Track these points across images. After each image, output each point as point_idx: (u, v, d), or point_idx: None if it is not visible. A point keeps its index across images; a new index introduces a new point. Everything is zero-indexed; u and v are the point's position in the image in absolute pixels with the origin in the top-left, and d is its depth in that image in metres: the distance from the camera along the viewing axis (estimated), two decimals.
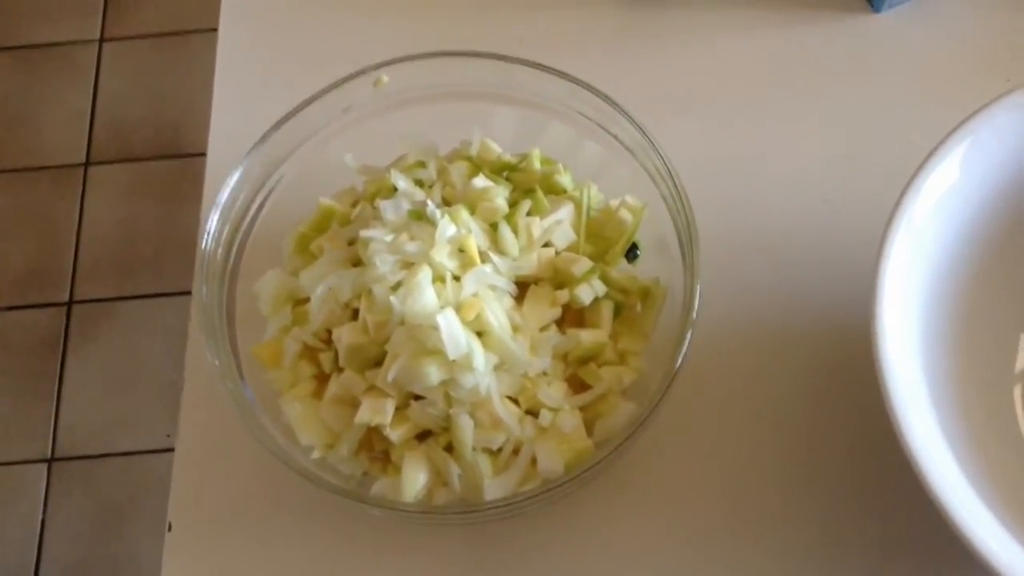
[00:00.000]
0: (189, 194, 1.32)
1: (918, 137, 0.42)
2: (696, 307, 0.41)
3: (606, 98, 0.45)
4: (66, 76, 1.46)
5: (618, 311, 0.44)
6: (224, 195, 0.44)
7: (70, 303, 1.30)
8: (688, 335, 0.41)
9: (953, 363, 0.42)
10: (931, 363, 0.40)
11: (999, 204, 0.41)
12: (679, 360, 0.40)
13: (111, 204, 1.38)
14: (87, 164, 1.40)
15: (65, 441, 1.22)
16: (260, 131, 0.46)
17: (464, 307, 0.40)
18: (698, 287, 0.41)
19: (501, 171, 0.46)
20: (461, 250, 0.42)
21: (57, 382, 1.25)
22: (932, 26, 0.55)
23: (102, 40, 1.50)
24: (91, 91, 1.46)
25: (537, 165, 0.46)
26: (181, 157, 1.39)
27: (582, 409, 0.42)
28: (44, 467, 1.20)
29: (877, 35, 0.55)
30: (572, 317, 0.44)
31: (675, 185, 0.43)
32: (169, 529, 0.46)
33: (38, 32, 1.49)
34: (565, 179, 0.46)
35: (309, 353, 0.42)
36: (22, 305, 1.30)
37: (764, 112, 0.53)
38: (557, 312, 0.43)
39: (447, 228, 0.41)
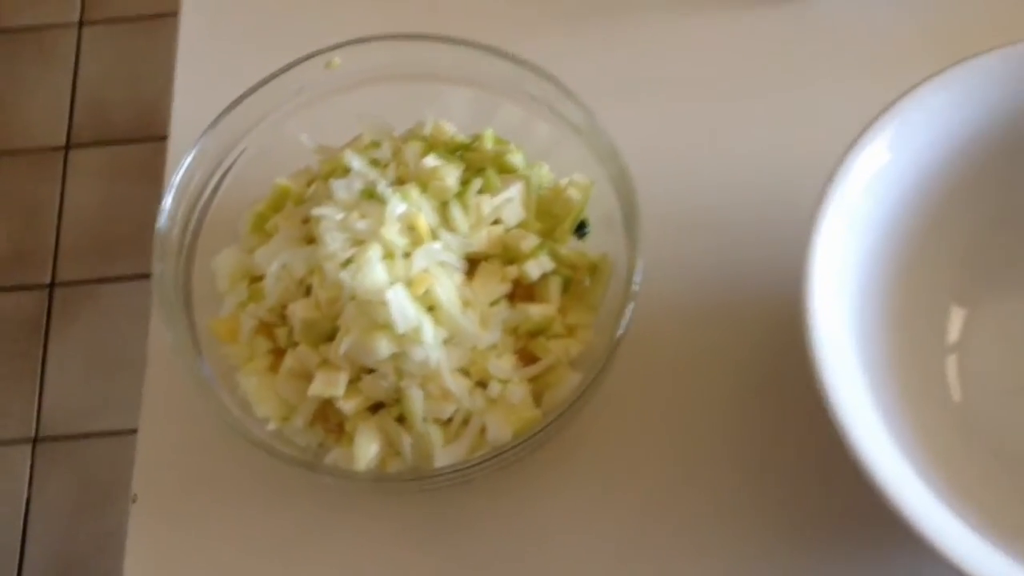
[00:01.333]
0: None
1: (857, 116, 0.43)
2: (637, 280, 0.42)
3: (554, 80, 0.46)
4: (46, 59, 1.46)
5: (567, 286, 0.45)
6: (178, 176, 0.44)
7: (52, 285, 1.30)
8: (630, 306, 0.42)
9: (889, 336, 0.42)
10: (866, 337, 0.41)
11: (930, 181, 0.42)
12: (620, 330, 0.41)
13: (92, 186, 1.38)
14: (67, 147, 1.40)
15: (49, 421, 1.22)
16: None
17: (414, 282, 0.41)
18: (639, 261, 0.42)
19: (454, 151, 0.47)
20: (412, 228, 0.42)
21: (40, 363, 1.25)
22: (870, 8, 0.56)
23: (81, 24, 1.50)
24: (71, 74, 1.45)
25: (489, 145, 0.47)
26: (160, 139, 1.38)
27: (531, 380, 0.43)
28: (28, 447, 1.21)
29: (817, 17, 0.55)
30: (522, 292, 0.45)
31: (619, 164, 0.44)
32: (134, 501, 0.47)
33: (18, 16, 1.48)
34: (517, 158, 0.47)
35: (265, 328, 0.43)
36: (4, 287, 1.30)
37: (709, 93, 0.54)
38: (507, 287, 0.43)
39: (397, 206, 0.42)
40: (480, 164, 0.46)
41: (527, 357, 0.44)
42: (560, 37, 0.56)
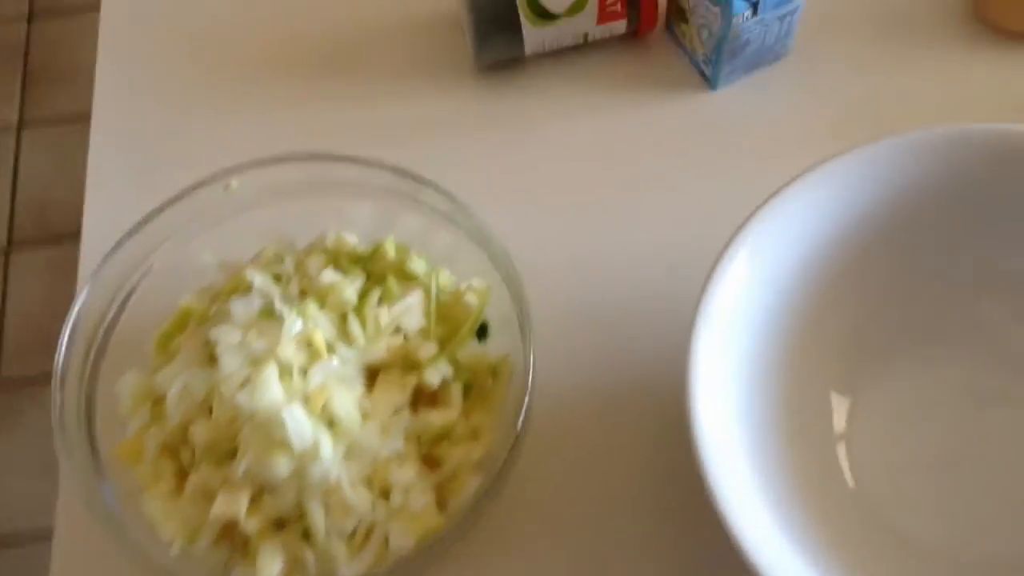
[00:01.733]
0: None
1: (742, 208, 0.45)
2: (531, 378, 0.43)
3: (446, 193, 0.47)
4: None
5: (469, 389, 0.46)
6: (79, 302, 0.45)
7: None
8: (524, 405, 0.42)
9: (780, 428, 0.44)
10: (756, 430, 0.42)
11: (800, 280, 0.44)
12: (517, 428, 0.42)
13: (35, 285, 1.38)
14: (9, 246, 1.40)
15: None
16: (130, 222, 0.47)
17: (311, 399, 0.42)
18: (533, 359, 0.43)
19: (356, 261, 0.48)
20: (309, 344, 0.43)
21: None
22: (763, 101, 0.58)
23: (20, 125, 1.51)
24: (11, 175, 1.46)
25: (391, 253, 0.48)
26: None
27: (436, 486, 0.44)
28: None
29: (714, 111, 0.58)
30: (426, 398, 0.46)
31: (508, 268, 0.45)
32: None
33: None
34: (418, 265, 0.48)
35: (168, 450, 0.43)
36: None
37: (611, 189, 0.56)
38: (407, 396, 0.44)
39: (294, 324, 0.43)
40: (382, 273, 0.47)
41: (432, 463, 0.45)
42: (460, 139, 0.58)
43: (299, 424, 0.40)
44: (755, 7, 0.53)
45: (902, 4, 0.60)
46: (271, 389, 0.41)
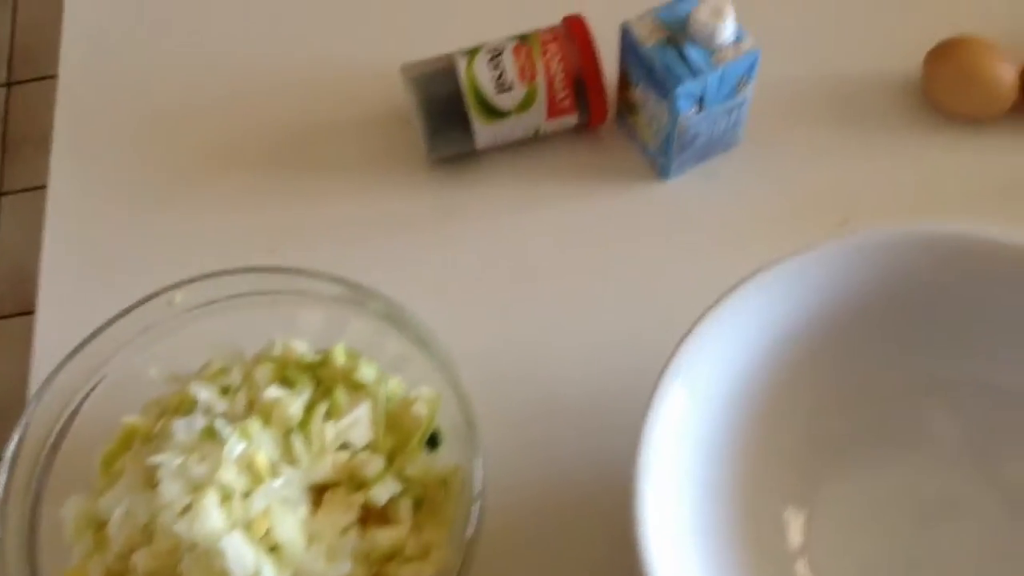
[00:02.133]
0: None
1: (703, 295, 0.44)
2: (479, 491, 0.42)
3: (389, 301, 0.47)
4: None
5: (419, 503, 0.45)
6: (23, 421, 0.44)
7: None
8: (473, 514, 0.42)
9: (737, 548, 0.43)
10: (710, 550, 0.41)
11: (745, 392, 0.44)
12: (467, 536, 0.41)
13: (15, 357, 1.37)
14: None
15: None
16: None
17: (253, 525, 0.41)
18: (480, 472, 0.43)
19: (306, 370, 0.47)
20: (251, 466, 0.42)
21: None
22: (715, 190, 0.58)
23: (0, 193, 1.51)
24: None
25: (340, 360, 0.48)
26: None
27: None
28: None
29: (666, 201, 0.58)
30: (375, 515, 0.45)
31: (455, 376, 0.45)
32: None
33: None
34: (367, 372, 0.47)
35: None
36: None
37: (563, 281, 0.56)
38: (354, 515, 0.43)
39: (236, 446, 0.42)
40: (331, 382, 0.47)
41: None
42: (413, 235, 0.58)
43: (240, 553, 0.40)
44: (701, 103, 0.53)
45: (854, 90, 0.60)
46: (211, 517, 0.40)
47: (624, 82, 0.57)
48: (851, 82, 0.60)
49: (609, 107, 0.59)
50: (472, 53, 0.56)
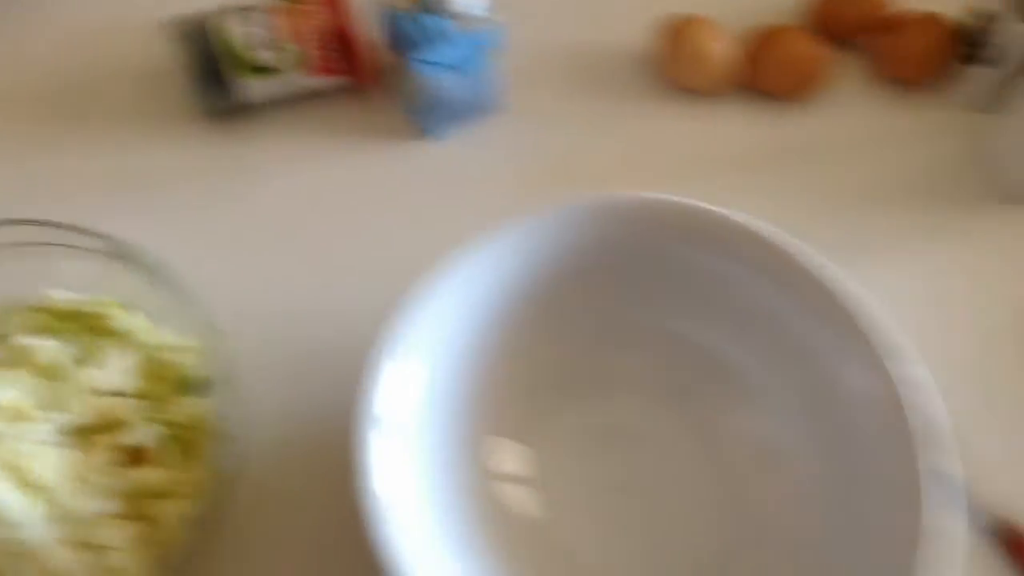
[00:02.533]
0: None
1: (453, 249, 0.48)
2: (237, 435, 0.45)
3: (150, 257, 0.48)
4: None
5: (184, 446, 0.48)
6: None
7: None
8: (229, 455, 0.45)
9: (463, 483, 0.48)
10: (438, 494, 0.46)
11: (464, 351, 0.49)
12: (226, 481, 0.44)
13: None
14: None
15: None
16: None
17: (13, 465, 0.42)
18: (238, 414, 0.46)
19: (66, 319, 0.49)
20: (14, 409, 0.44)
21: None
22: (474, 152, 0.62)
23: None
24: None
25: (103, 309, 0.49)
26: None
27: (151, 543, 0.46)
28: None
29: (428, 161, 0.62)
30: (143, 457, 0.47)
31: (212, 326, 0.47)
32: None
33: None
34: (131, 321, 0.49)
35: None
36: None
37: (326, 238, 0.59)
38: (116, 457, 0.46)
39: None
40: (94, 331, 0.48)
41: (147, 521, 0.46)
42: (184, 189, 0.59)
43: (3, 495, 0.41)
44: (449, 68, 0.57)
45: (602, 62, 0.65)
46: None
47: (388, 45, 0.60)
48: (599, 55, 0.65)
49: (379, 68, 0.62)
50: (235, 11, 0.58)
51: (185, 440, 0.48)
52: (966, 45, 0.64)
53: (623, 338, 0.52)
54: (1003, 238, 0.61)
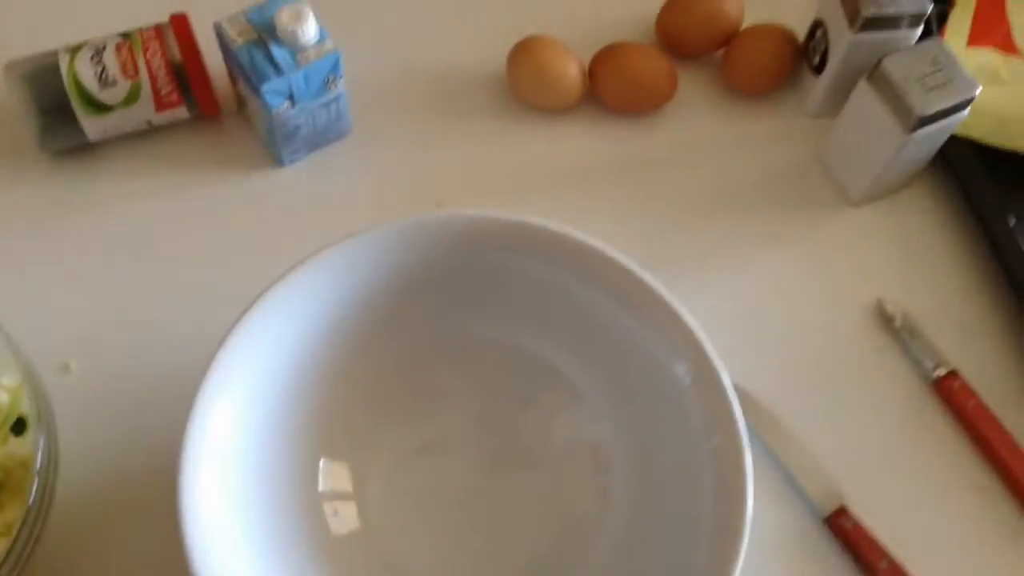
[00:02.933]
0: None
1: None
2: (49, 473, 0.45)
3: None
4: None
5: (2, 485, 0.47)
6: None
7: None
8: (34, 491, 0.45)
9: (283, 500, 0.48)
10: (253, 510, 0.46)
11: (292, 377, 0.49)
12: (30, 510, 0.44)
13: None
14: None
15: None
16: None
17: None
18: (51, 454, 0.45)
19: None
20: None
21: None
22: (325, 177, 0.62)
23: None
24: None
25: None
26: None
27: None
28: None
29: (279, 188, 0.62)
30: None
31: (29, 367, 0.47)
32: None
33: None
34: None
35: None
36: None
37: (175, 268, 0.59)
38: None
39: None
40: None
41: None
42: (17, 229, 0.59)
43: None
44: (291, 99, 0.57)
45: (450, 84, 0.66)
46: None
47: (232, 77, 0.61)
48: (447, 77, 0.66)
49: (227, 101, 0.62)
50: (75, 50, 0.58)
51: (8, 480, 0.47)
52: (805, 54, 0.65)
53: (448, 351, 0.52)
54: (847, 239, 0.63)
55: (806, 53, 0.65)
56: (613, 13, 0.68)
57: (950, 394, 0.57)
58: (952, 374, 0.58)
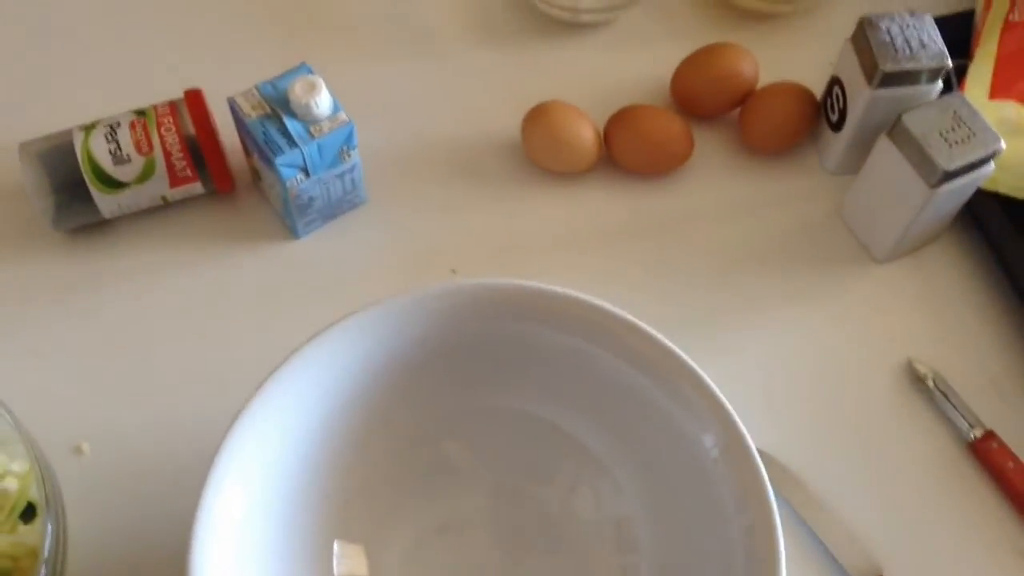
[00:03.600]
0: None
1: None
2: (46, 555, 0.43)
3: None
4: None
5: (10, 573, 0.46)
6: None
7: None
8: None
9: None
10: None
11: (303, 457, 0.47)
12: None
13: None
14: None
15: None
16: None
17: None
18: (61, 545, 0.44)
19: None
20: None
21: None
22: (342, 247, 0.61)
23: None
24: None
25: None
26: None
27: None
28: None
29: (296, 259, 0.61)
30: None
31: (38, 454, 0.46)
32: None
33: None
34: None
35: None
36: None
37: (194, 344, 0.58)
38: None
39: None
40: None
41: None
42: (46, 302, 0.58)
43: None
44: (305, 171, 0.56)
45: (464, 151, 0.65)
46: None
47: (246, 151, 0.60)
48: (462, 143, 0.65)
49: (241, 174, 0.62)
50: (89, 128, 0.58)
51: (17, 569, 0.46)
52: (823, 111, 0.64)
53: (465, 423, 0.50)
54: (873, 297, 0.61)
55: (824, 110, 0.64)
56: (627, 76, 0.68)
57: (987, 456, 0.55)
58: (989, 435, 0.55)
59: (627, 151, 0.63)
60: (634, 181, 0.64)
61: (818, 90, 0.64)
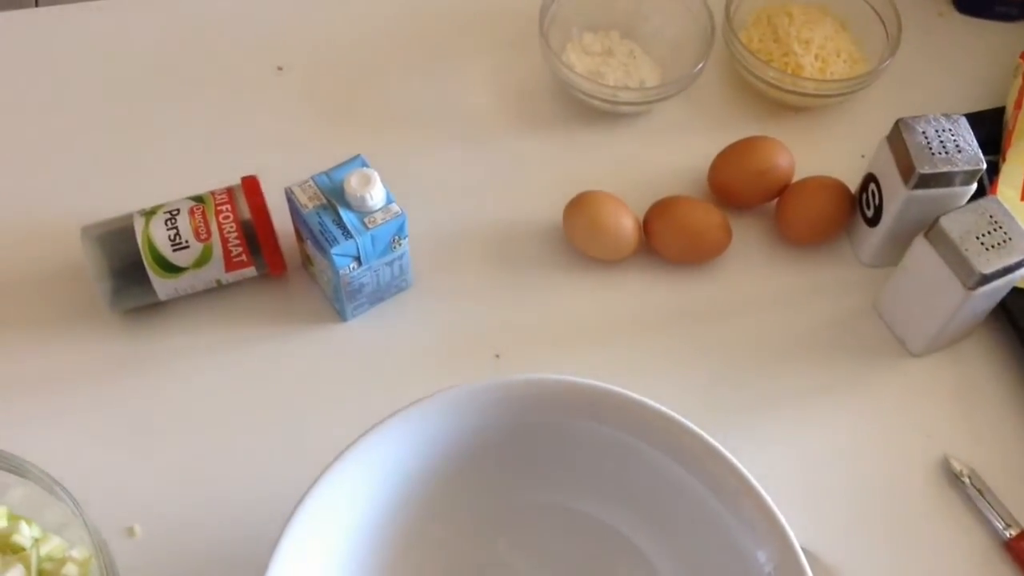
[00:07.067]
0: None
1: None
2: None
3: (43, 474, 0.47)
4: None
5: None
6: None
7: None
8: None
9: None
10: None
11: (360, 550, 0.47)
12: None
13: None
14: None
15: None
16: None
17: None
18: None
19: None
20: None
21: None
22: (389, 330, 0.61)
23: None
24: None
25: (2, 523, 0.47)
26: None
27: None
28: None
29: (344, 342, 0.61)
30: None
31: (100, 543, 0.45)
32: None
33: None
34: (24, 535, 0.47)
35: None
36: None
37: (246, 422, 0.58)
38: None
39: None
40: None
41: None
42: (101, 385, 0.58)
43: None
44: (358, 260, 0.57)
45: (507, 239, 0.65)
46: None
47: (299, 236, 0.60)
48: (506, 230, 0.65)
49: (292, 257, 0.62)
50: (149, 214, 0.58)
51: None
52: (858, 206, 0.64)
53: (514, 519, 0.50)
54: (909, 391, 0.60)
55: (859, 205, 0.64)
56: (665, 165, 0.68)
57: (1022, 555, 0.54)
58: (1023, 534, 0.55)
59: (666, 240, 0.63)
60: (672, 270, 0.64)
61: (850, 181, 0.65)
